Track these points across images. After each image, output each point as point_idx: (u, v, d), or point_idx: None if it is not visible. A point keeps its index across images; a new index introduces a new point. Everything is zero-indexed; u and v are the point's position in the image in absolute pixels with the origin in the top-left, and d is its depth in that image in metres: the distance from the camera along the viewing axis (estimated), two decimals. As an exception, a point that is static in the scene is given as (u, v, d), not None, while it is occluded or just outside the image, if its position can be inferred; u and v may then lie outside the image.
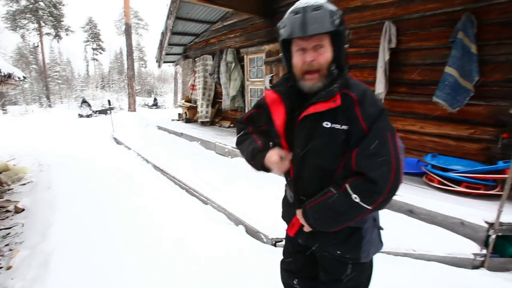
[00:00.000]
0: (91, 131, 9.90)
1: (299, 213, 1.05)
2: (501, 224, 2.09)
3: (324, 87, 0.94)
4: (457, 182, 2.66)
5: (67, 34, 31.76)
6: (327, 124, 0.92)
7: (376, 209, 0.91)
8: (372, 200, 0.88)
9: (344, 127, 0.91)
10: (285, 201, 1.28)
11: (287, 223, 1.22)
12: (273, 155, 1.02)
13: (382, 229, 1.12)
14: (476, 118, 2.96)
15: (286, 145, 1.04)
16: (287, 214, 1.23)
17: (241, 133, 1.23)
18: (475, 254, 2.11)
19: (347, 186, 0.90)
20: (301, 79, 0.95)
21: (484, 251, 2.12)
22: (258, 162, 1.07)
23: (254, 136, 1.15)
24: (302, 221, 1.04)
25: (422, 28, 3.24)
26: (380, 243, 1.11)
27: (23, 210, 3.44)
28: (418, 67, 3.31)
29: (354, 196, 0.88)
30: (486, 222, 2.17)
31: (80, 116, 16.26)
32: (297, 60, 0.94)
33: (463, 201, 2.51)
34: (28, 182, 4.52)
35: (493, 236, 2.11)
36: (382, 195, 0.86)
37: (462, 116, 3.02)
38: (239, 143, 1.22)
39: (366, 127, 0.88)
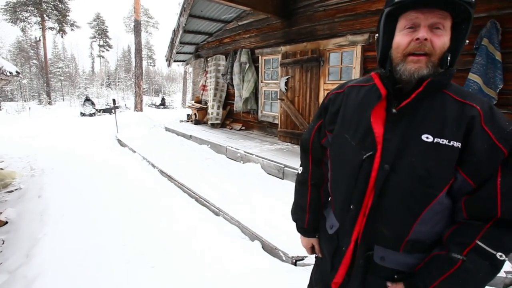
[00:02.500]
0: (93, 131, 9.81)
1: None
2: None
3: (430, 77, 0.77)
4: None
5: (72, 30, 32.00)
6: (427, 138, 0.75)
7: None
8: None
9: (455, 143, 0.73)
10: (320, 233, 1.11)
11: (323, 262, 1.07)
12: (304, 241, 1.14)
13: None
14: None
15: (379, 157, 0.81)
16: (324, 251, 1.05)
17: (301, 174, 1.14)
18: (506, 272, 2.19)
19: (482, 243, 0.72)
20: (401, 62, 0.78)
21: None
22: (298, 230, 1.16)
23: (307, 201, 1.10)
24: None
25: (446, 33, 3.42)
26: None
27: (6, 223, 3.16)
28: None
29: (499, 254, 0.71)
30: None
31: (83, 114, 16.54)
32: (402, 39, 0.77)
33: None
34: (15, 189, 4.23)
35: (526, 253, 2.21)
36: None
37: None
38: (296, 188, 1.18)
39: (506, 150, 0.71)
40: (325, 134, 1.03)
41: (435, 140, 0.75)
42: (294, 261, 2.36)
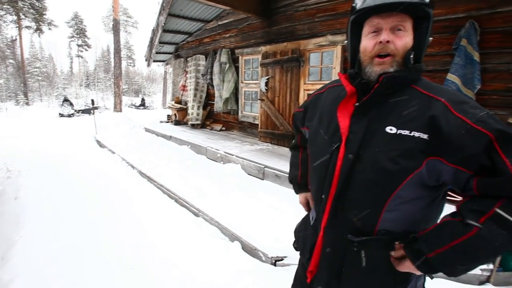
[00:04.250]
0: (71, 132, 9.60)
1: (408, 265, 0.77)
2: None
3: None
4: (460, 193, 2.71)
5: (49, 29, 30.66)
6: (391, 130, 0.77)
7: None
8: None
9: (416, 134, 0.74)
10: (303, 225, 1.11)
11: (303, 254, 1.04)
12: (300, 197, 1.20)
13: (432, 277, 0.88)
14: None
15: (344, 149, 0.84)
16: (304, 242, 1.03)
17: (293, 142, 1.30)
18: (482, 270, 2.16)
19: (501, 211, 0.67)
20: (369, 64, 0.82)
21: (491, 266, 2.17)
22: (294, 190, 1.25)
23: (299, 159, 1.23)
24: (415, 272, 0.78)
25: (424, 34, 3.34)
26: None
27: (-20, 226, 2.98)
28: (420, 74, 3.41)
29: None
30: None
31: (61, 115, 16.13)
32: (367, 43, 0.81)
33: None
34: (-9, 191, 4.07)
35: (500, 251, 2.15)
36: None
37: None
38: (291, 155, 1.32)
39: (488, 132, 0.68)
40: (303, 125, 1.12)
41: (398, 131, 0.76)
42: (273, 261, 2.31)
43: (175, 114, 8.55)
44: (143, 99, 25.39)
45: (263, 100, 5.60)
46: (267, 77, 5.46)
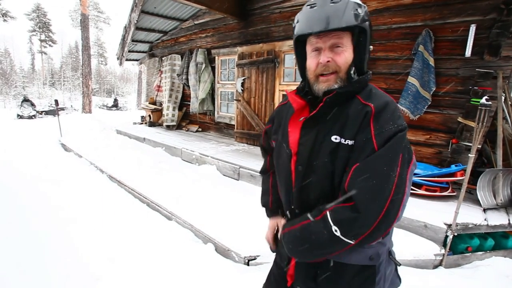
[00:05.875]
0: (32, 135, 9.06)
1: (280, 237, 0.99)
2: (456, 224, 2.51)
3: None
4: (418, 185, 3.09)
5: (5, 20, 28.80)
6: (336, 139, 0.86)
7: (360, 245, 0.83)
8: (354, 234, 0.79)
9: (349, 142, 0.84)
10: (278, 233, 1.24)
11: (281, 260, 1.13)
12: (271, 222, 1.27)
13: (399, 264, 1.02)
14: (431, 125, 3.56)
15: (295, 161, 0.95)
16: (281, 249, 1.12)
17: (262, 165, 1.35)
18: (435, 255, 2.50)
19: (328, 214, 0.82)
20: (315, 82, 0.91)
21: (443, 251, 2.52)
22: (267, 215, 1.32)
23: (270, 184, 1.29)
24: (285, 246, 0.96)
25: (389, 39, 3.79)
26: (397, 280, 1.05)
27: None
28: (385, 76, 3.85)
29: (334, 228, 0.80)
30: (445, 224, 2.58)
31: (20, 117, 15.20)
32: (311, 62, 0.91)
33: (423, 204, 2.94)
34: None
35: (451, 237, 2.52)
36: (367, 229, 0.79)
37: (420, 123, 3.60)
38: (262, 178, 1.38)
39: (376, 145, 0.80)
40: (270, 139, 1.20)
41: (341, 140, 0.86)
42: (246, 261, 2.43)
43: (149, 115, 8.62)
44: (115, 100, 24.82)
45: (239, 101, 5.88)
46: (243, 77, 5.75)
